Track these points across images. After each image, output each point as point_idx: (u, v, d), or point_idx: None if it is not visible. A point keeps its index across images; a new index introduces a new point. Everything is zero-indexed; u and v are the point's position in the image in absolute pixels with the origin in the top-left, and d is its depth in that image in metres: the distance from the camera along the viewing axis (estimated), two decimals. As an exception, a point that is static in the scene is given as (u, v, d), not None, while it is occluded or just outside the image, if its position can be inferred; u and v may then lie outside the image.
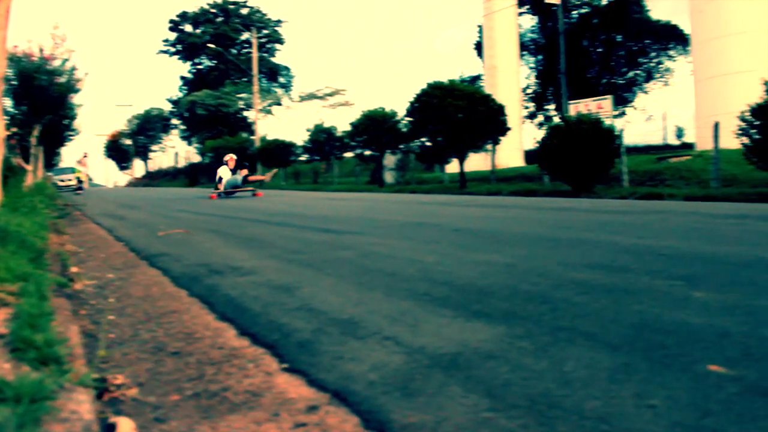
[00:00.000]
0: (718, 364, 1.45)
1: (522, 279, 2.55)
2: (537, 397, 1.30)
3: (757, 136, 9.38)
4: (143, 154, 67.97)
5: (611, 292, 2.23)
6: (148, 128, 66.32)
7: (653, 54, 44.82)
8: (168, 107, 64.78)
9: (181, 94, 62.72)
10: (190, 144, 61.56)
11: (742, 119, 9.56)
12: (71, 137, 19.94)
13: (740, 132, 9.59)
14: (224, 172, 16.71)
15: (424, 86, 17.15)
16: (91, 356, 1.69)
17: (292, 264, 3.23)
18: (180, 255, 3.74)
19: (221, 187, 16.37)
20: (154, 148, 67.74)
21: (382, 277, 2.72)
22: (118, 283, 2.87)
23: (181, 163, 58.76)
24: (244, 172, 17.15)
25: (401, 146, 21.49)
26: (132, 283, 2.84)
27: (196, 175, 47.51)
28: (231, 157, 17.33)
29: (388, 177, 22.64)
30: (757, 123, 9.37)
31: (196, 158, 53.27)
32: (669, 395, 1.28)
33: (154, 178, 60.31)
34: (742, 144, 9.61)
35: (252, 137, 40.30)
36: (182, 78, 63.82)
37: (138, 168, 69.64)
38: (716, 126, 12.34)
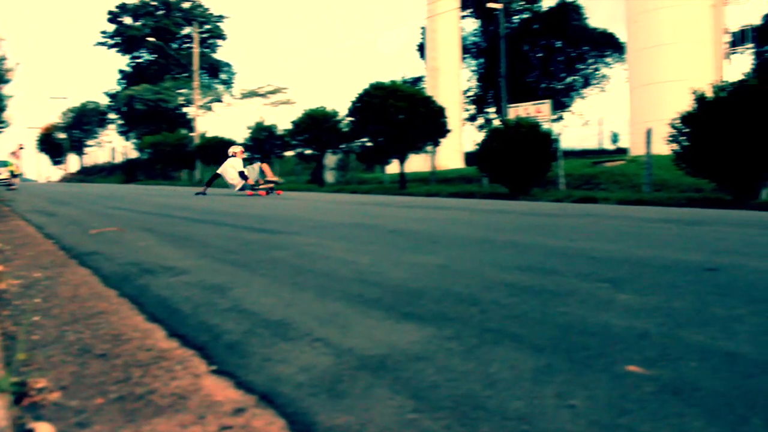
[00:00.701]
0: (636, 365, 1.50)
1: (454, 281, 2.58)
2: (462, 398, 1.32)
3: (686, 143, 9.68)
4: (78, 148, 66.19)
5: (540, 294, 2.28)
6: (83, 122, 64.53)
7: (591, 61, 45.90)
8: (105, 101, 63.19)
9: (119, 88, 61.25)
10: (127, 139, 60.26)
11: (673, 126, 9.86)
12: (1, 129, 19.28)
13: (671, 139, 9.89)
14: (238, 164, 15.02)
15: (366, 86, 17.16)
16: (11, 359, 1.64)
17: (225, 264, 3.20)
18: (111, 254, 3.67)
19: (251, 180, 14.74)
20: (89, 142, 66.05)
21: (316, 278, 2.72)
22: (45, 282, 2.80)
23: (118, 159, 57.44)
24: (265, 167, 15.41)
25: (342, 146, 21.47)
26: (60, 283, 2.78)
27: (134, 172, 46.58)
28: (240, 149, 15.74)
29: (329, 176, 22.60)
30: (686, 130, 9.67)
31: (134, 154, 52.14)
32: (588, 395, 1.32)
33: (89, 174, 58.83)
34: (672, 150, 9.91)
35: (191, 134, 39.63)
36: (121, 71, 62.33)
37: (72, 163, 67.80)
38: (649, 132, 12.71)
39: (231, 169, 15.36)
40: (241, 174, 15.00)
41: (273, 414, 1.30)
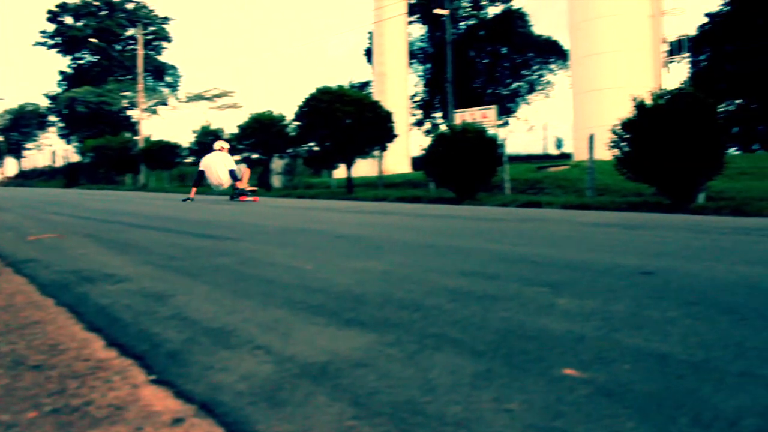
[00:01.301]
0: (573, 368, 1.53)
1: (397, 286, 2.60)
2: (401, 405, 1.33)
3: (626, 149, 9.91)
4: (16, 151, 64.38)
5: (481, 300, 2.31)
6: (22, 124, 62.82)
7: (536, 67, 46.72)
8: (45, 103, 61.58)
9: (59, 90, 59.77)
10: (69, 143, 58.90)
11: (614, 132, 10.07)
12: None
13: (612, 144, 10.10)
14: (228, 162, 13.83)
15: (313, 91, 17.13)
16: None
17: (168, 271, 3.16)
18: (50, 261, 3.58)
19: (244, 182, 13.74)
20: (28, 145, 64.34)
21: (260, 285, 2.70)
22: (-22, 291, 2.72)
23: (59, 163, 56.06)
24: (246, 171, 14.36)
25: (289, 150, 21.37)
26: (-6, 292, 2.70)
27: (76, 176, 45.52)
28: (227, 145, 14.54)
29: (276, 181, 22.47)
30: (627, 136, 9.90)
31: (76, 158, 50.97)
32: (526, 399, 1.34)
33: (28, 178, 57.28)
34: (614, 156, 10.13)
35: (135, 137, 38.95)
36: (61, 72, 60.90)
37: (10, 166, 65.91)
38: (591, 138, 12.97)
39: (220, 166, 14.04)
40: (232, 173, 13.89)
41: (212, 423, 1.29)
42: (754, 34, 33.17)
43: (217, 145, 14.56)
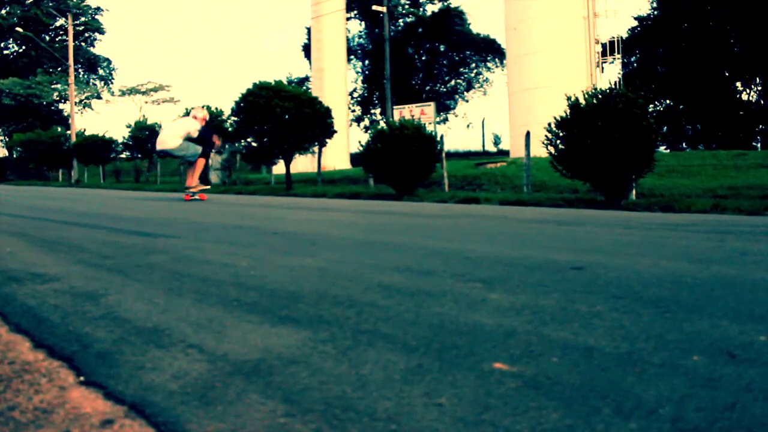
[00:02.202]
0: (502, 362, 1.57)
1: (332, 283, 2.61)
2: (333, 401, 1.34)
3: (561, 147, 10.11)
4: (-63, 145, 61.83)
5: (415, 296, 2.34)
6: (-58, 117, 60.33)
7: (473, 65, 47.24)
8: (-35, 94, 59.31)
9: (-18, 81, 57.50)
10: (-6, 137, 56.90)
11: (549, 130, 10.27)
12: None
13: (547, 142, 10.30)
14: (192, 126, 11.10)
15: (251, 86, 16.97)
16: None
17: (100, 269, 3.10)
18: (-26, 260, 3.47)
19: (196, 172, 11.28)
20: (-50, 139, 61.84)
21: (194, 283, 2.68)
22: None
23: (-16, 158, 54.10)
24: (201, 163, 11.51)
25: (227, 146, 21.11)
26: None
27: (3, 171, 44.06)
28: (203, 115, 11.56)
29: (214, 177, 22.18)
30: (561, 134, 10.11)
31: (2, 152, 49.28)
32: (456, 393, 1.37)
33: (-49, 173, 55.06)
34: (549, 153, 10.32)
35: (68, 132, 37.87)
36: (-16, 63, 58.57)
37: (-71, 161, 63.31)
38: (527, 135, 13.20)
39: (176, 128, 11.28)
40: (207, 144, 11.32)
41: (142, 424, 1.27)
42: (680, 38, 34.28)
43: (197, 112, 11.69)
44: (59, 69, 53.64)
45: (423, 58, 47.59)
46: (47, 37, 56.95)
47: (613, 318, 1.98)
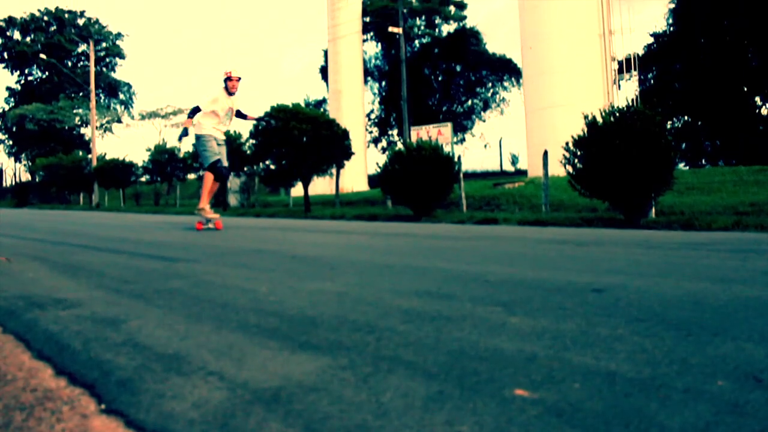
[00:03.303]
0: (523, 388, 1.56)
1: (351, 308, 2.60)
2: (354, 429, 1.34)
3: (579, 166, 10.08)
4: (-39, 170, 62.74)
5: (435, 320, 2.33)
6: (-35, 142, 61.27)
7: (490, 84, 47.33)
8: (-9, 120, 60.17)
9: (7, 107, 58.43)
10: (18, 161, 57.66)
11: (566, 149, 10.25)
12: None
13: (565, 161, 10.27)
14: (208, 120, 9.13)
15: (268, 109, 17.11)
16: None
17: (121, 295, 3.12)
18: (-3, 286, 3.50)
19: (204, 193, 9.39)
20: (-26, 164, 62.69)
21: (213, 308, 2.69)
22: None
23: (8, 182, 54.81)
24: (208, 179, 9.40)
25: (246, 168, 21.26)
26: (-62, 320, 2.63)
27: (26, 195, 44.61)
28: (235, 77, 9.23)
29: (233, 200, 22.31)
30: (579, 153, 10.08)
31: (26, 176, 49.90)
32: (477, 420, 1.36)
33: (-26, 198, 55.80)
34: (567, 172, 10.30)
35: (89, 156, 38.31)
36: (9, 89, 59.63)
37: (-46, 186, 64.18)
38: (545, 154, 13.18)
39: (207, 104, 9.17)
40: (201, 144, 9.21)
41: (163, 453, 1.28)
42: (697, 53, 34.15)
43: (230, 71, 9.38)
44: (81, 94, 54.39)
45: (439, 78, 47.75)
46: (69, 63, 57.81)
47: (634, 342, 1.96)
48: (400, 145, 15.39)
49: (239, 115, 9.82)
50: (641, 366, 1.71)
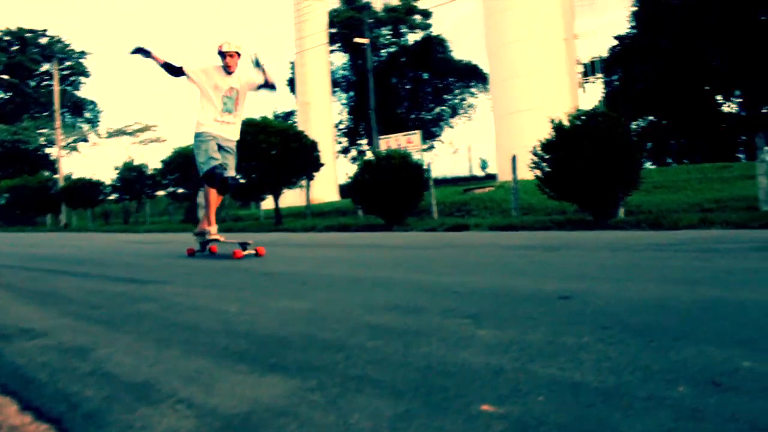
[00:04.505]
0: (490, 403, 1.57)
1: (321, 326, 2.61)
2: (322, 453, 1.34)
3: (547, 169, 10.19)
4: None
5: (403, 336, 2.34)
6: (-73, 166, 60.13)
7: (457, 91, 47.65)
8: (-48, 141, 59.13)
9: (-33, 128, 57.37)
10: (-19, 183, 56.70)
11: (534, 153, 10.36)
12: None
13: (533, 165, 10.38)
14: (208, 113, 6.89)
15: (237, 123, 17.04)
16: None
17: (89, 321, 3.09)
18: (-39, 317, 3.45)
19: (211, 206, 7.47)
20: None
21: (183, 332, 2.67)
22: None
23: (-30, 204, 53.83)
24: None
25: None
26: None
27: (-10, 218, 43.77)
28: (230, 52, 6.90)
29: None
30: (547, 157, 10.19)
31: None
32: (444, 439, 1.37)
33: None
34: (536, 176, 10.41)
35: (55, 176, 37.82)
36: (-31, 110, 58.52)
37: None
38: (514, 159, 13.31)
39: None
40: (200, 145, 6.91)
41: (131, 487, 1.27)
42: (660, 54, 34.71)
43: (227, 46, 7.02)
44: (45, 114, 53.73)
45: (407, 86, 47.97)
46: (33, 83, 57.12)
47: (599, 350, 1.99)
48: (369, 155, 15.43)
49: (263, 86, 7.19)
50: (605, 375, 1.74)
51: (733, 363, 1.77)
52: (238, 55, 6.96)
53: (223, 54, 6.90)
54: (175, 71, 6.84)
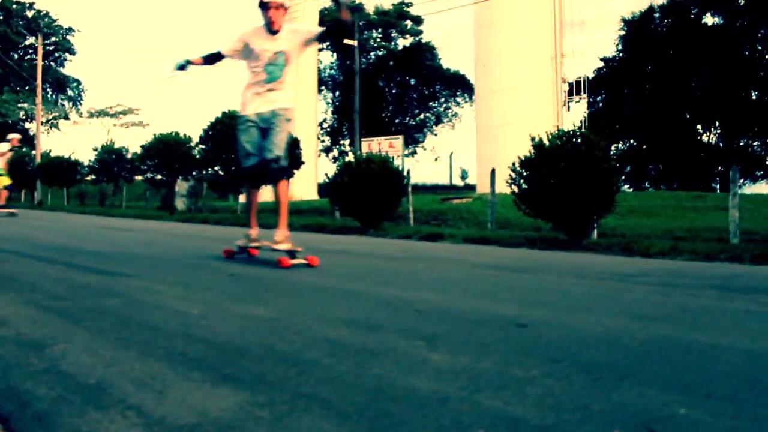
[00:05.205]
0: (432, 433, 1.62)
1: (279, 337, 2.64)
2: (262, 473, 1.38)
3: (524, 186, 10.27)
4: None
5: (359, 354, 2.38)
6: None
7: (443, 99, 47.84)
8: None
9: (-57, 98, 56.47)
10: (-44, 156, 55.85)
11: (513, 170, 10.43)
12: None
13: (511, 181, 10.45)
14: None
15: (219, 114, 17.04)
16: None
17: (50, 313, 3.10)
18: None
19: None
20: None
21: (143, 332, 2.69)
22: None
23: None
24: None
25: (195, 173, 21.08)
26: None
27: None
28: (275, 3, 5.56)
29: (180, 204, 22.04)
30: (525, 174, 10.27)
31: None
32: (382, 466, 1.42)
33: None
34: (513, 192, 10.48)
35: (33, 152, 37.38)
36: (-53, 80, 57.62)
37: None
38: (493, 172, 13.38)
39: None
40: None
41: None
42: (644, 79, 35.12)
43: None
44: (27, 88, 53.04)
45: (393, 91, 48.06)
46: (16, 56, 56.40)
47: (545, 385, 2.04)
48: (349, 157, 15.44)
49: (319, 38, 5.93)
50: (547, 412, 1.79)
51: (671, 408, 1.83)
52: (285, 8, 5.65)
53: (264, 5, 5.55)
54: (216, 59, 5.90)
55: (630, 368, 2.26)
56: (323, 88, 47.68)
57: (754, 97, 34.53)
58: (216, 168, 17.83)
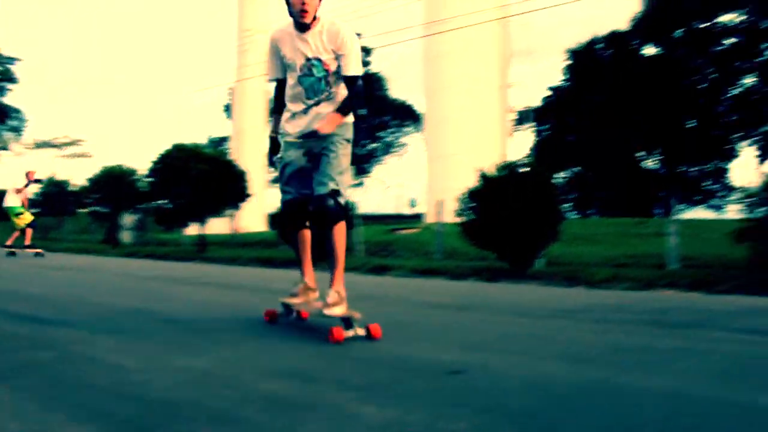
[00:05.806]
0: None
1: (213, 392, 2.61)
2: None
3: (471, 217, 10.40)
4: None
5: (293, 409, 2.37)
6: None
7: (392, 129, 48.22)
8: None
9: None
10: None
11: (460, 201, 10.57)
12: None
13: (458, 212, 10.59)
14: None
15: (168, 147, 16.94)
16: None
17: (-23, 370, 3.01)
18: None
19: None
20: None
21: (74, 391, 2.64)
22: None
23: None
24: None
25: (141, 206, 20.82)
26: None
27: None
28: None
29: (126, 236, 21.69)
30: (472, 205, 10.41)
31: None
32: None
33: None
34: (459, 223, 10.60)
35: (-28, 185, 36.31)
36: None
37: None
38: (440, 204, 13.53)
39: None
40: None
41: None
42: (590, 108, 35.99)
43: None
44: (-33, 118, 51.79)
45: (344, 120, 48.32)
46: (-45, 85, 55.06)
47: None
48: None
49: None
50: (470, 470, 1.81)
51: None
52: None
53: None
54: (280, 100, 4.51)
55: (559, 417, 2.31)
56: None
57: (692, 125, 35.63)
58: (164, 201, 17.60)
